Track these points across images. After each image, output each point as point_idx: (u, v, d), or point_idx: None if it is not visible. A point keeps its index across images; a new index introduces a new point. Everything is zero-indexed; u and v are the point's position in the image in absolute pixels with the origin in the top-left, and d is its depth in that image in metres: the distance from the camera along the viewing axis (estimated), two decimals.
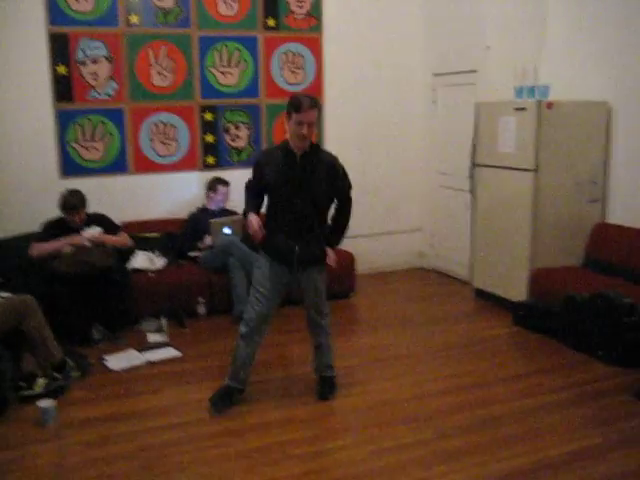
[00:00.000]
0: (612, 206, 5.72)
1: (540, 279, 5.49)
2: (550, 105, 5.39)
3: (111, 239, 5.30)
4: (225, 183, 6.13)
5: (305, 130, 3.65)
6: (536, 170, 5.45)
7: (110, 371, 4.62)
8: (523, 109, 5.49)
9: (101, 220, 5.40)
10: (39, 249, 5.11)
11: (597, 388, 4.25)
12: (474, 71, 6.46)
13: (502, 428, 3.72)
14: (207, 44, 6.28)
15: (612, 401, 4.06)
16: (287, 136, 3.84)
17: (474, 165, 6.17)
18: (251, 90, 6.52)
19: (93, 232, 5.22)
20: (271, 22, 6.51)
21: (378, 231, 7.23)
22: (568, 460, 3.38)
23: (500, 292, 5.92)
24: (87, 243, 5.14)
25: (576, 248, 5.72)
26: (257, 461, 3.40)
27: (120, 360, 4.80)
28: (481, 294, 6.22)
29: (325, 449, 3.55)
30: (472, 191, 6.28)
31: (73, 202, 5.20)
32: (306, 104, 3.63)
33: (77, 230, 5.21)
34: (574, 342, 4.89)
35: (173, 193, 6.36)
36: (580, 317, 4.82)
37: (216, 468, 3.35)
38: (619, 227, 5.53)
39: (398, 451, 3.49)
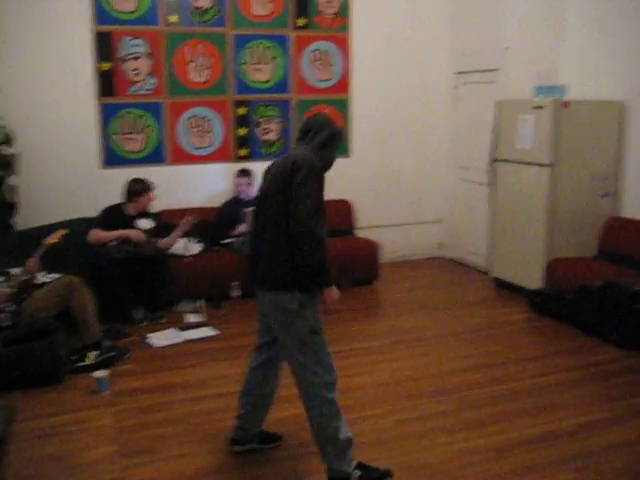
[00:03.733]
0: (625, 200, 6.01)
1: (555, 269, 5.80)
2: (567, 104, 5.69)
3: (163, 243, 5.67)
4: (244, 173, 6.47)
5: None
6: (553, 165, 5.75)
7: (152, 348, 5.00)
8: (541, 107, 5.78)
9: (155, 216, 5.79)
10: (97, 236, 5.49)
11: (607, 369, 4.57)
12: (495, 70, 6.75)
13: (518, 402, 4.05)
14: (241, 42, 6.62)
15: (620, 380, 4.38)
16: None
17: (494, 160, 6.48)
18: (281, 86, 6.86)
19: (146, 225, 5.61)
20: (301, 22, 6.83)
21: (401, 222, 7.57)
22: (577, 431, 3.70)
23: (517, 281, 6.24)
24: (142, 239, 5.52)
25: (590, 240, 6.02)
26: (293, 426, 3.74)
27: (161, 338, 5.17)
28: (499, 283, 6.55)
29: (353, 418, 3.86)
30: (491, 185, 6.59)
31: (146, 184, 5.63)
32: None
33: (132, 219, 5.59)
34: (587, 327, 5.21)
35: (208, 183, 6.72)
36: (592, 304, 5.13)
37: None
38: (631, 220, 5.82)
39: (422, 420, 3.83)
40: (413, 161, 7.58)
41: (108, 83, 6.24)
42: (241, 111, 6.74)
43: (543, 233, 5.89)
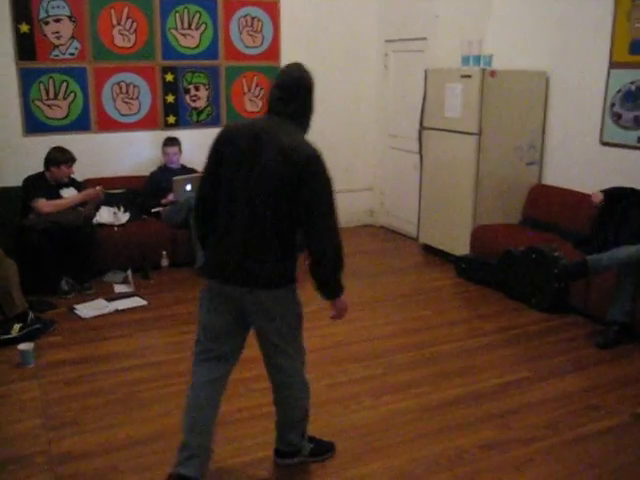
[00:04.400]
0: (548, 168, 6.20)
1: (481, 235, 5.95)
2: (493, 73, 5.79)
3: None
4: (173, 142, 6.36)
5: None
6: (479, 134, 5.87)
7: (81, 319, 4.92)
8: (468, 76, 5.87)
9: (80, 185, 5.67)
10: (50, 206, 5.32)
11: (528, 331, 4.75)
12: (424, 38, 6.80)
13: (443, 365, 4.18)
14: (168, 6, 6.46)
15: (540, 342, 4.56)
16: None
17: (423, 128, 6.56)
18: (210, 52, 6.75)
19: (70, 192, 5.47)
20: None
21: None
22: (499, 390, 3.86)
23: (445, 247, 6.38)
24: (101, 196, 5.46)
25: (515, 207, 6.19)
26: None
27: (89, 309, 5.09)
28: (427, 249, 6.68)
29: None
30: (420, 153, 6.68)
31: (68, 155, 5.45)
32: None
33: (57, 188, 5.43)
34: (510, 291, 5.38)
35: (135, 151, 6.58)
36: (515, 269, 5.30)
37: None
38: (553, 188, 6.02)
39: (351, 384, 3.91)
40: (344, 129, 7.60)
41: (28, 47, 6.00)
42: (169, 77, 6.60)
43: (469, 200, 6.02)
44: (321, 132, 7.34)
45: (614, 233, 4.84)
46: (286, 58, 7.09)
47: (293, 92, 2.69)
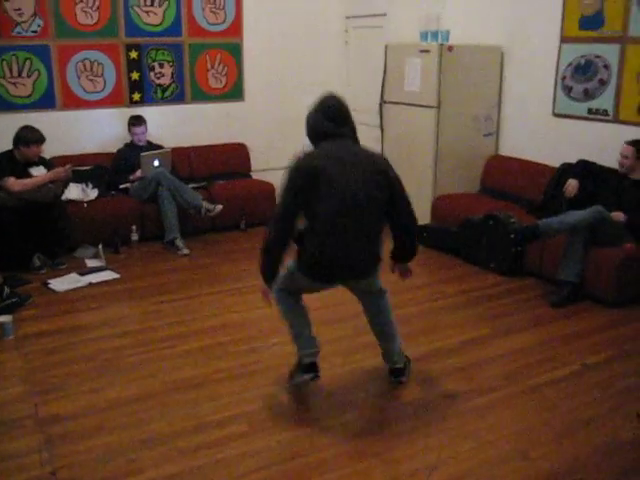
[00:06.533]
0: (503, 139, 6.46)
1: (442, 204, 6.19)
2: (451, 48, 6.00)
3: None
4: (139, 121, 6.41)
5: None
6: (438, 107, 6.09)
7: (55, 292, 5.02)
8: (427, 51, 6.07)
9: (48, 163, 5.71)
10: (20, 185, 5.33)
11: (487, 293, 5.03)
12: (384, 14, 6.97)
13: (408, 326, 4.40)
14: None
15: (498, 303, 4.84)
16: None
17: (383, 102, 6.75)
18: (174, 30, 6.82)
19: (40, 172, 5.51)
20: None
21: None
22: (461, 347, 4.12)
23: None
24: (69, 174, 5.52)
25: (473, 177, 6.45)
26: (201, 357, 3.96)
27: (63, 283, 5.19)
28: None
29: (258, 346, 4.13)
30: (381, 126, 6.88)
31: (38, 135, 5.46)
32: None
33: (25, 167, 5.47)
34: (469, 257, 5.65)
35: (101, 128, 6.64)
36: (474, 235, 5.56)
37: (168, 364, 3.89)
38: (509, 158, 6.29)
39: (322, 345, 4.11)
40: (306, 104, 7.67)
41: None
42: (133, 55, 6.65)
43: (430, 171, 6.25)
44: (285, 108, 7.56)
45: (568, 201, 5.12)
46: (248, 35, 7.20)
47: (343, 118, 3.32)
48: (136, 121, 6.40)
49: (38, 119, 5.96)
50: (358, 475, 2.88)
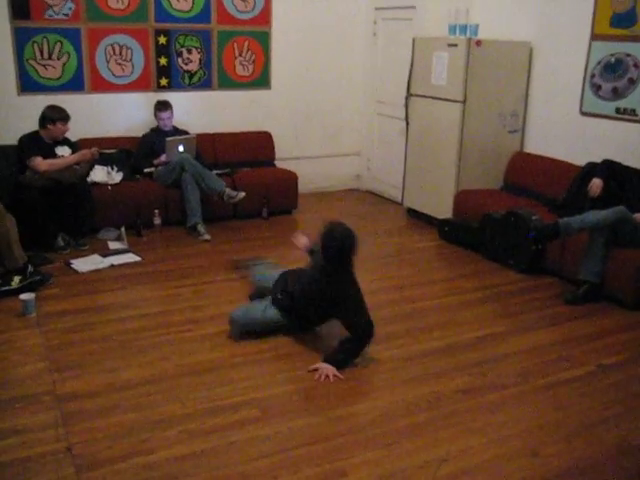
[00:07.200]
0: (529, 136, 6.42)
1: (463, 199, 6.18)
2: (479, 43, 5.97)
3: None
4: (165, 107, 6.45)
5: None
6: (464, 102, 6.06)
7: (77, 273, 5.10)
8: (455, 45, 6.04)
9: (74, 144, 5.79)
10: (46, 165, 5.42)
11: (504, 290, 5.01)
12: (412, 7, 6.94)
13: (424, 319, 4.43)
14: None
15: (515, 300, 4.83)
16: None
17: (409, 95, 6.73)
18: (203, 16, 6.85)
19: (65, 153, 5.60)
20: None
21: (320, 154, 7.79)
22: (475, 343, 4.11)
23: (429, 211, 6.62)
24: (96, 156, 5.61)
25: (496, 173, 6.42)
26: (217, 342, 4.00)
27: (85, 264, 5.27)
28: (412, 213, 6.91)
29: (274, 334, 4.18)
30: (406, 119, 6.86)
31: (64, 113, 5.55)
32: None
33: (51, 147, 5.55)
34: (489, 253, 5.63)
35: (128, 112, 6.70)
36: (495, 232, 5.54)
37: (184, 347, 3.94)
38: (533, 155, 6.25)
39: (335, 338, 4.14)
40: (332, 95, 7.75)
41: (22, 5, 6.07)
42: (162, 40, 6.70)
43: (453, 166, 6.23)
44: (311, 98, 7.59)
45: (591, 200, 5.08)
46: (277, 23, 7.21)
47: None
48: (162, 106, 6.45)
49: (66, 101, 6.02)
50: (367, 464, 2.90)
